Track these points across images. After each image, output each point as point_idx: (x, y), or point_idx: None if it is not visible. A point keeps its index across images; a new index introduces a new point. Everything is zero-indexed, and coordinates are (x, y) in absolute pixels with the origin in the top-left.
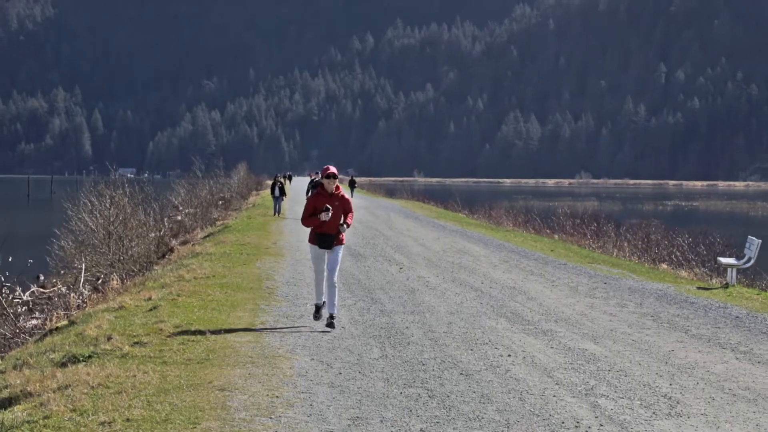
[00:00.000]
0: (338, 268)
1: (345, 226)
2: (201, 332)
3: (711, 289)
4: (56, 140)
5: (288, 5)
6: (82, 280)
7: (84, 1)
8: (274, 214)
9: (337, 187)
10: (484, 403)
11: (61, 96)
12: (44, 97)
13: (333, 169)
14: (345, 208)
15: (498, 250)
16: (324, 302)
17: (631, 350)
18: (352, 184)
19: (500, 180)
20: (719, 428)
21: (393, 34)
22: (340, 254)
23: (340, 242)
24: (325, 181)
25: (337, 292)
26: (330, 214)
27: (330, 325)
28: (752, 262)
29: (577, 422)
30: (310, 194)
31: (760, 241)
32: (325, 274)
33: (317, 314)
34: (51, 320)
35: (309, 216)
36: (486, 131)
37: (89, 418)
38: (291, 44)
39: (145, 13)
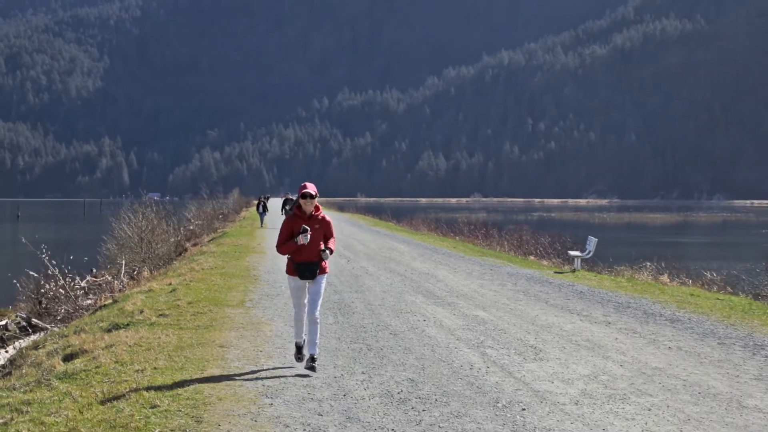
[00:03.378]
0: (321, 301)
1: (327, 252)
2: (207, 306)
3: (563, 273)
4: (103, 174)
5: (268, 77)
6: (122, 272)
7: (123, 76)
8: (261, 225)
9: (317, 208)
10: (406, 353)
11: (107, 143)
12: (95, 143)
13: (311, 188)
14: (326, 231)
15: (416, 248)
16: (305, 340)
17: (509, 315)
18: None
19: (418, 199)
20: (568, 368)
21: (342, 97)
22: (323, 285)
23: (323, 271)
24: (302, 202)
25: (318, 330)
26: (309, 236)
27: (311, 368)
28: (591, 254)
29: (471, 365)
30: (283, 212)
31: (597, 239)
32: (306, 308)
33: (299, 355)
34: (100, 300)
35: (284, 241)
36: (408, 165)
37: (127, 368)
38: (270, 104)
39: (166, 83)
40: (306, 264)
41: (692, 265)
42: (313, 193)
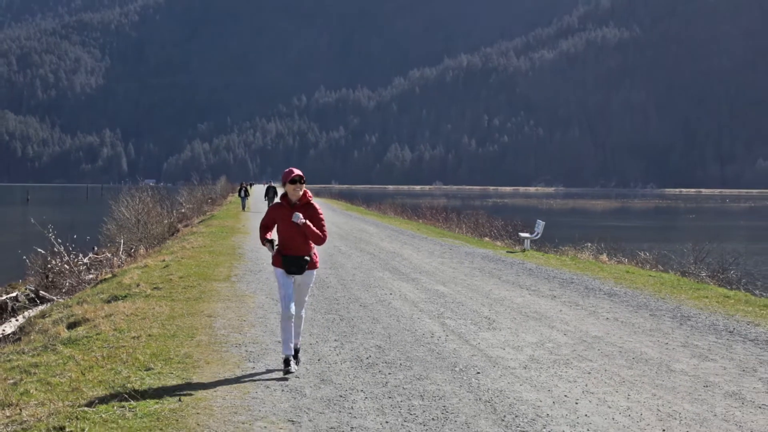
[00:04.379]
0: (307, 299)
1: (299, 215)
2: (196, 281)
3: (515, 252)
4: (104, 162)
5: (252, 77)
6: (121, 249)
7: (122, 74)
8: (243, 209)
9: (305, 193)
10: (374, 323)
11: (108, 134)
12: (97, 134)
13: (298, 172)
14: (313, 218)
15: (384, 230)
16: (294, 351)
17: (465, 290)
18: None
19: (386, 186)
20: (518, 336)
21: (319, 94)
22: (312, 281)
23: (313, 265)
24: (288, 188)
25: (303, 324)
26: (302, 216)
27: (292, 361)
28: (539, 235)
29: (432, 334)
30: (266, 199)
31: (544, 222)
32: (292, 308)
33: (287, 369)
34: (101, 274)
35: (263, 227)
36: (377, 156)
37: (125, 334)
38: (254, 101)
39: (161, 81)
40: (293, 258)
41: (628, 246)
42: (302, 178)
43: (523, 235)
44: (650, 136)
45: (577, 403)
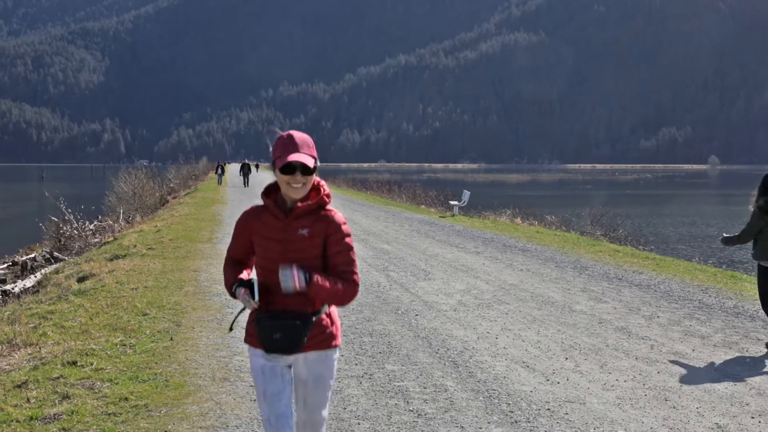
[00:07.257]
0: (326, 413)
1: (300, 278)
2: (183, 242)
3: (446, 217)
4: (105, 145)
5: (227, 74)
6: (120, 218)
7: (119, 73)
8: (219, 184)
9: (315, 193)
10: None
11: (108, 122)
12: (99, 123)
13: (302, 145)
14: (329, 243)
15: (339, 200)
16: None
17: (406, 248)
18: (257, 167)
19: (339, 164)
20: (449, 285)
21: (283, 88)
22: (332, 380)
23: (332, 338)
24: (281, 179)
25: None
26: (296, 275)
27: None
28: (465, 203)
29: (379, 284)
30: (241, 173)
31: (470, 192)
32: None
33: None
34: (104, 238)
35: (232, 259)
36: (331, 139)
37: (125, 286)
38: (229, 94)
39: (152, 77)
40: (282, 318)
41: (537, 211)
42: (310, 165)
43: (452, 202)
44: (554, 122)
45: (497, 338)
